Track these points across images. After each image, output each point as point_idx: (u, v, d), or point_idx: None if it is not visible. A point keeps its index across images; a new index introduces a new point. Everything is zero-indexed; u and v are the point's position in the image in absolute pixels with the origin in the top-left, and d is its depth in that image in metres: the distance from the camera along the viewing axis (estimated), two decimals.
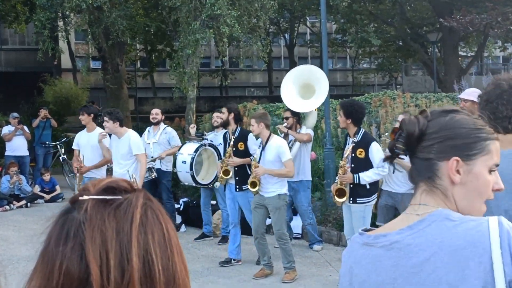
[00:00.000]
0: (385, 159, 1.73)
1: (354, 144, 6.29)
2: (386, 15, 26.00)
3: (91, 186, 0.99)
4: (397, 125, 6.16)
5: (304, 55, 44.84)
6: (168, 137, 9.56)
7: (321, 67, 9.41)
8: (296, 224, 9.00)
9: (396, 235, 1.53)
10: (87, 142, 8.56)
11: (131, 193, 0.98)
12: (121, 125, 7.88)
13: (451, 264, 1.43)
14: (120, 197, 0.96)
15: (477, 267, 1.40)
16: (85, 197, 0.95)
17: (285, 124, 8.22)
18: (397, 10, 25.48)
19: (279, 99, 8.98)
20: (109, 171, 9.54)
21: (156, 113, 9.69)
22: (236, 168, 7.50)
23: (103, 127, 8.22)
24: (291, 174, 6.85)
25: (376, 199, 6.54)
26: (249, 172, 7.22)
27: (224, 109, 7.89)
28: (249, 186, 6.93)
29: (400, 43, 29.38)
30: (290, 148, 8.01)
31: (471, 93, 7.41)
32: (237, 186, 7.51)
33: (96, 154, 8.49)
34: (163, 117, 9.99)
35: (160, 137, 9.46)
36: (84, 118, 8.64)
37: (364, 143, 6.26)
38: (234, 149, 7.49)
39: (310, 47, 38.78)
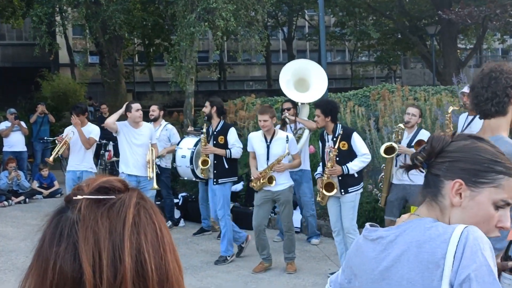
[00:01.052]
0: (402, 166, 1.78)
1: (335, 139, 6.48)
2: (384, 8, 25.95)
3: (85, 185, 0.99)
4: (406, 117, 6.16)
5: (302, 48, 44.73)
6: (168, 134, 9.53)
7: (319, 60, 9.43)
8: (296, 218, 8.96)
9: (383, 231, 1.66)
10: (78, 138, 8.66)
11: (125, 192, 0.98)
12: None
13: (414, 264, 1.53)
14: (113, 196, 0.96)
15: (435, 271, 1.49)
16: (79, 196, 0.95)
17: (287, 113, 8.21)
18: (396, 3, 25.43)
19: (277, 92, 9.04)
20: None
21: (153, 110, 9.64)
22: (215, 162, 7.49)
23: (98, 121, 8.29)
24: (299, 165, 7.26)
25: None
26: (226, 166, 7.35)
27: (207, 103, 7.76)
28: (266, 182, 6.88)
29: (399, 36, 29.34)
30: (300, 136, 8.08)
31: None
32: (215, 180, 7.49)
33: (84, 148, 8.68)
34: (162, 112, 9.90)
35: (160, 134, 9.40)
36: (76, 120, 8.73)
37: (346, 135, 6.50)
38: (214, 142, 7.51)
39: (308, 41, 38.67)
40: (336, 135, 6.49)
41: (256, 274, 6.98)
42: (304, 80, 8.68)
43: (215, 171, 7.48)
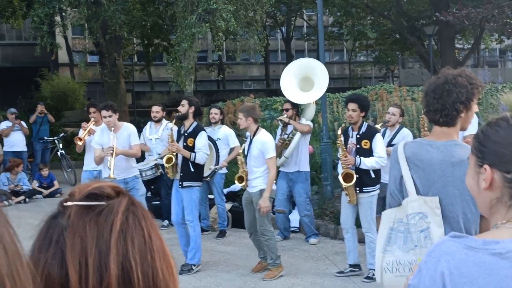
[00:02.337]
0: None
1: (359, 136, 6.53)
2: (382, 8, 26.03)
3: (77, 191, 1.00)
4: (386, 116, 6.23)
5: (301, 48, 44.79)
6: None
7: (318, 60, 9.50)
8: (294, 218, 9.03)
9: (510, 243, 1.42)
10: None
11: (115, 199, 0.98)
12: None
13: None
14: (103, 203, 0.96)
15: None
16: (69, 203, 0.96)
17: (285, 115, 8.24)
18: (394, 3, 25.50)
19: (276, 92, 9.08)
20: None
21: (156, 111, 9.60)
22: (182, 164, 7.19)
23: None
24: (272, 171, 6.73)
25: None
26: (192, 169, 7.08)
27: (184, 101, 7.34)
28: (236, 181, 6.92)
29: (397, 36, 29.41)
30: (290, 139, 8.07)
31: None
32: (180, 183, 7.15)
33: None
34: (165, 113, 9.90)
35: (162, 133, 9.40)
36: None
37: (370, 134, 6.52)
38: (184, 143, 7.16)
39: (307, 40, 38.75)
40: (361, 133, 6.55)
41: (255, 273, 7.04)
42: (308, 78, 8.64)
43: (181, 174, 7.15)
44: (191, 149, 7.09)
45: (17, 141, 13.39)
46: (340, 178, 6.56)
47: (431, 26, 23.85)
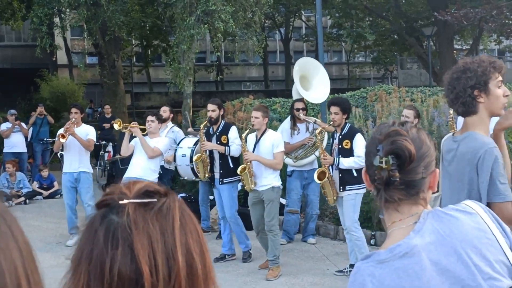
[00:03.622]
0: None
1: (341, 136, 6.68)
2: (381, 9, 26.07)
3: (126, 190, 1.04)
4: (403, 119, 6.24)
5: (299, 49, 44.84)
6: (175, 136, 9.58)
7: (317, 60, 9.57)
8: None
9: (408, 241, 1.53)
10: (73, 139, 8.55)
11: (166, 196, 1.04)
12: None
13: (471, 250, 1.52)
14: (155, 200, 1.02)
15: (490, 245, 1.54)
16: (125, 201, 1.00)
17: (301, 114, 8.23)
18: (392, 4, 25.54)
19: (275, 93, 9.12)
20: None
21: (164, 110, 9.74)
22: (220, 161, 7.47)
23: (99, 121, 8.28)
24: (279, 166, 7.01)
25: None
26: (232, 165, 7.35)
27: (214, 107, 7.51)
28: (239, 172, 7.01)
29: (395, 37, 29.45)
30: (322, 139, 8.12)
31: None
32: (221, 180, 7.48)
33: (82, 149, 8.62)
34: (172, 115, 10.02)
35: (167, 135, 9.41)
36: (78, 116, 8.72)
37: (350, 135, 6.66)
38: (218, 142, 7.50)
39: (305, 41, 38.79)
40: (343, 133, 6.68)
41: (256, 273, 7.06)
42: (305, 78, 8.73)
43: (221, 171, 7.46)
44: (226, 145, 7.41)
45: (17, 142, 13.42)
46: (315, 175, 6.82)
47: (429, 27, 23.91)
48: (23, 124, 13.63)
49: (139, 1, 20.93)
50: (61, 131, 8.53)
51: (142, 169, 7.85)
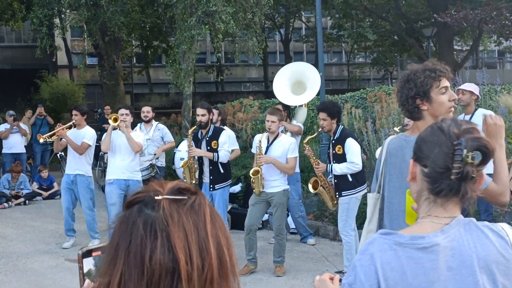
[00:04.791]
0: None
1: (334, 142, 6.64)
2: (381, 10, 26.06)
3: (159, 187, 1.13)
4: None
5: (299, 50, 44.84)
6: (161, 134, 9.68)
7: (316, 62, 9.61)
8: (292, 220, 9.05)
9: (434, 237, 1.57)
10: (75, 138, 8.49)
11: (196, 194, 1.13)
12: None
13: (484, 269, 1.53)
14: (186, 197, 1.11)
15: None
16: (160, 197, 1.09)
17: None
18: (392, 5, 25.53)
19: (275, 94, 9.19)
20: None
21: (147, 111, 9.81)
22: (210, 167, 7.37)
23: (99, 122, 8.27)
24: (292, 171, 7.03)
25: (365, 191, 6.68)
26: (222, 171, 7.32)
27: (203, 111, 7.40)
28: (251, 174, 6.95)
29: (395, 38, 29.44)
30: None
31: (470, 85, 7.60)
32: (211, 186, 7.38)
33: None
34: (154, 114, 10.08)
35: (153, 134, 9.55)
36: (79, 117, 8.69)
37: (341, 140, 6.60)
38: (208, 147, 7.44)
39: (305, 42, 38.78)
40: (335, 138, 6.63)
41: (256, 274, 7.06)
42: (301, 82, 8.83)
43: (211, 177, 7.37)
44: (216, 151, 7.32)
45: (15, 143, 13.41)
46: (310, 186, 6.83)
47: (429, 27, 23.89)
48: (21, 125, 13.64)
49: (139, 1, 20.93)
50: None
51: (127, 169, 7.91)
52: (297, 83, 8.83)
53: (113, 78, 20.33)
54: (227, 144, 7.40)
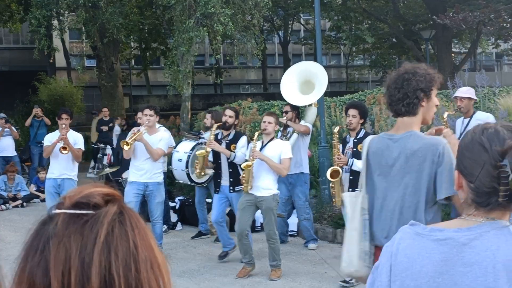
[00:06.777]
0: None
1: (356, 140, 6.64)
2: (379, 12, 26.09)
3: (67, 198, 0.97)
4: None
5: (298, 52, 44.88)
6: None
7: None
8: (293, 221, 9.03)
9: (452, 232, 1.57)
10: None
11: (103, 208, 0.96)
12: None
13: (502, 273, 1.48)
14: (91, 212, 0.94)
15: None
16: (57, 210, 0.95)
17: (285, 118, 8.26)
18: (391, 7, 25.57)
19: (274, 96, 9.18)
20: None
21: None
22: (230, 170, 7.46)
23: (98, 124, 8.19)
24: (285, 172, 6.93)
25: None
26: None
27: (231, 113, 7.56)
28: (243, 166, 6.92)
29: (394, 40, 29.47)
30: (288, 139, 8.11)
31: (467, 91, 7.52)
32: (231, 187, 7.48)
33: (69, 156, 8.34)
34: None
35: None
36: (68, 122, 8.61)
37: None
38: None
39: (304, 44, 38.84)
40: (358, 137, 6.64)
41: (255, 275, 7.04)
42: (309, 82, 8.74)
43: (231, 179, 7.46)
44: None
45: (7, 146, 13.32)
46: (328, 173, 6.66)
47: (428, 30, 23.92)
48: (13, 128, 13.57)
49: (138, 3, 20.95)
50: (60, 144, 8.29)
51: (146, 172, 7.74)
52: (305, 82, 8.74)
53: (111, 80, 20.32)
54: (244, 148, 7.43)
